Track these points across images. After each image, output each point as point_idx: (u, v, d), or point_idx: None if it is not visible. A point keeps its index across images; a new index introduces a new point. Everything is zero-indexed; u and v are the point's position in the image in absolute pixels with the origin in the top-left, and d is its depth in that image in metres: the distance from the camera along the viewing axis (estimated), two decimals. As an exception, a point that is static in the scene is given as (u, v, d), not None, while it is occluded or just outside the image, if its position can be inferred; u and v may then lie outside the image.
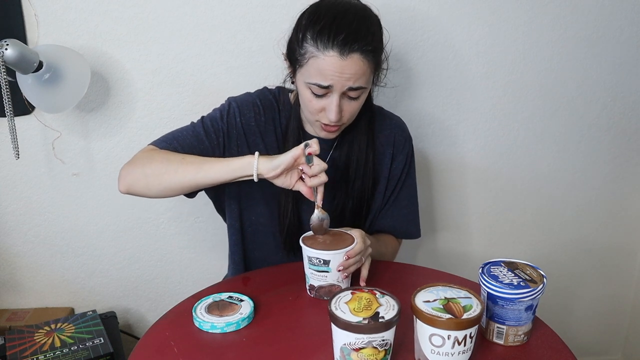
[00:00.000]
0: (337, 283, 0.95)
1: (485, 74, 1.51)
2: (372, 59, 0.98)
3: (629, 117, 1.62)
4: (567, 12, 1.48)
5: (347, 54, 0.94)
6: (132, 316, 1.58)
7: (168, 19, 1.35)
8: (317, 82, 0.97)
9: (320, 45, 0.95)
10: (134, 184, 1.02)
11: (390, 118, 1.20)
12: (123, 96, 1.39)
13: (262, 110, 1.12)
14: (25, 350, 1.21)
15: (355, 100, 1.01)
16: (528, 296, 0.80)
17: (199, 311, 0.90)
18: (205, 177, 0.99)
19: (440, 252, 1.68)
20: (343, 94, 0.99)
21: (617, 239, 1.75)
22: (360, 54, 0.95)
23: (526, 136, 1.59)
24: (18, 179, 1.42)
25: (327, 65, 0.95)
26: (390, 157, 1.17)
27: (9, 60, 1.14)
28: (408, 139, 1.20)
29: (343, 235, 0.99)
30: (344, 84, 0.96)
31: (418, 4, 1.42)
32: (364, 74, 0.97)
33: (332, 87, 0.97)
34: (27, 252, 1.48)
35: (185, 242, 1.54)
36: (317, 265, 0.94)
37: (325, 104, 0.99)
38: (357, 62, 0.95)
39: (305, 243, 0.96)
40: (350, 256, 0.94)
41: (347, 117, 1.03)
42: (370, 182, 1.15)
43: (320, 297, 0.97)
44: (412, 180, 1.22)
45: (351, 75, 0.96)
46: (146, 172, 1.00)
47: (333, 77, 0.95)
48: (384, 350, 0.73)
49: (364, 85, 0.99)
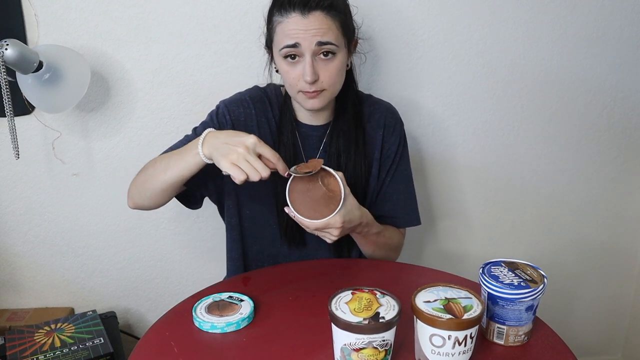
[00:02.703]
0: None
1: (485, 74, 1.51)
2: (336, 15, 1.02)
3: (629, 117, 1.62)
4: (567, 12, 1.48)
5: (308, 12, 0.99)
6: (132, 316, 1.58)
7: (168, 19, 1.35)
8: (285, 44, 1.01)
9: (283, 11, 1.01)
10: (134, 199, 1.10)
11: (379, 103, 1.22)
12: (123, 96, 1.39)
13: (251, 104, 1.14)
14: (25, 350, 1.21)
15: (330, 62, 1.03)
16: (528, 296, 0.80)
17: (199, 311, 0.90)
18: (172, 175, 1.01)
19: (440, 252, 1.68)
20: (315, 55, 1.01)
21: (617, 239, 1.75)
22: (322, 11, 1.00)
23: (526, 136, 1.59)
24: (18, 179, 1.42)
25: (290, 25, 1.00)
26: (380, 139, 1.18)
27: (9, 60, 1.14)
28: (399, 121, 1.21)
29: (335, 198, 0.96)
30: (311, 40, 1.00)
31: (418, 3, 1.42)
32: (330, 29, 1.01)
33: (299, 45, 1.00)
34: (27, 252, 1.48)
35: (185, 242, 1.54)
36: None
37: (301, 69, 1.02)
38: (320, 17, 1.00)
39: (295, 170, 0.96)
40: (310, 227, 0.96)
41: (327, 80, 1.04)
42: (363, 167, 1.16)
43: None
44: (406, 165, 1.23)
45: (316, 30, 0.99)
46: (137, 184, 1.08)
47: (299, 34, 0.99)
48: (384, 350, 0.73)
49: (332, 41, 1.01)
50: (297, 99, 1.08)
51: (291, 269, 1.09)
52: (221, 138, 0.95)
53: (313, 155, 1.17)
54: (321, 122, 1.16)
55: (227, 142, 0.94)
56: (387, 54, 1.45)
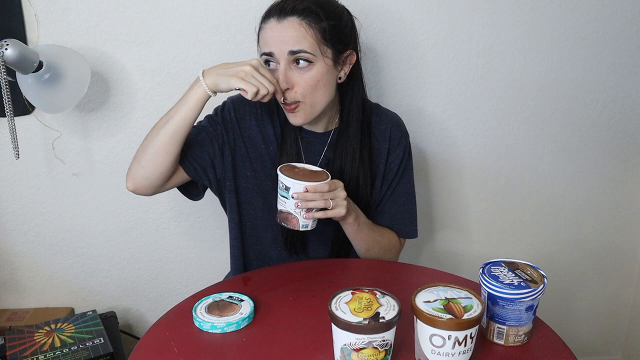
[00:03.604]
0: (294, 213, 0.97)
1: (485, 74, 1.51)
2: (312, 22, 1.00)
3: (629, 117, 1.62)
4: (567, 12, 1.48)
5: (283, 17, 0.99)
6: (132, 316, 1.58)
7: (168, 19, 1.35)
8: (262, 51, 1.02)
9: (265, 19, 1.03)
10: (133, 172, 1.04)
11: (386, 114, 1.20)
12: (123, 96, 1.39)
13: (258, 104, 1.13)
14: (25, 350, 1.21)
15: (306, 71, 1.01)
16: (529, 296, 0.80)
17: (199, 311, 0.90)
18: (176, 121, 0.99)
19: (440, 252, 1.68)
20: (290, 63, 1.01)
21: (617, 238, 1.75)
22: (297, 17, 0.99)
23: (526, 136, 1.59)
24: (18, 179, 1.42)
25: (267, 32, 1.01)
26: (386, 152, 1.17)
27: (9, 60, 1.14)
28: (404, 134, 1.20)
29: (320, 174, 0.99)
30: (282, 48, 0.99)
31: (418, 4, 1.42)
32: (304, 38, 0.99)
33: (274, 54, 1.00)
34: (27, 252, 1.48)
35: (185, 242, 1.54)
36: (281, 190, 0.97)
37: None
38: (294, 24, 0.99)
39: (281, 169, 0.98)
40: (309, 190, 0.94)
41: (300, 91, 1.02)
42: (367, 181, 1.15)
43: (279, 221, 1.00)
44: (409, 178, 1.21)
45: (289, 38, 0.99)
46: (137, 154, 1.04)
47: (273, 42, 1.00)
48: (384, 350, 0.73)
49: (306, 50, 0.99)
50: (286, 113, 1.08)
51: (291, 269, 1.09)
52: (222, 65, 0.99)
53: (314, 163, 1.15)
54: (323, 129, 1.15)
55: (230, 66, 0.98)
56: (387, 54, 1.45)
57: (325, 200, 0.97)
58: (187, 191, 1.16)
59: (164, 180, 1.05)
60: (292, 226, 0.99)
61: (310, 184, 0.95)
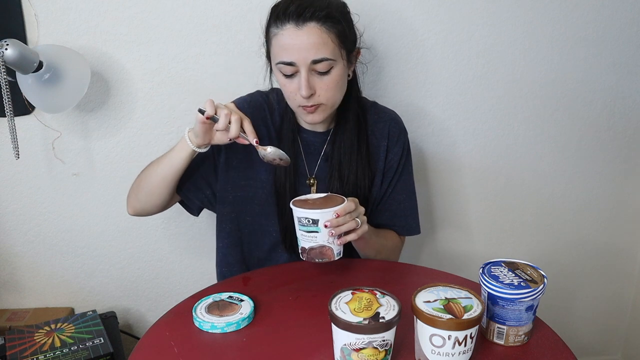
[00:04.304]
0: (327, 244, 0.93)
1: (485, 74, 1.51)
2: (332, 27, 0.98)
3: (629, 117, 1.62)
4: (567, 12, 1.48)
5: (303, 24, 0.96)
6: (132, 316, 1.58)
7: (168, 19, 1.35)
8: (281, 60, 0.99)
9: (279, 22, 0.98)
10: (132, 203, 1.14)
11: (384, 111, 1.20)
12: (123, 96, 1.39)
13: (249, 111, 1.12)
14: (25, 350, 1.21)
15: (327, 75, 1.01)
16: (529, 296, 0.80)
17: (199, 311, 0.90)
18: (164, 169, 1.05)
19: (440, 252, 1.68)
20: (311, 70, 1.00)
21: (617, 239, 1.75)
22: (317, 22, 0.97)
23: (526, 136, 1.59)
24: (18, 179, 1.42)
25: (285, 39, 0.98)
26: (385, 150, 1.17)
27: (9, 60, 1.14)
28: (403, 131, 1.20)
29: (334, 198, 0.97)
30: (306, 57, 0.97)
31: (418, 4, 1.42)
32: (325, 44, 0.98)
33: (295, 63, 0.98)
34: (27, 252, 1.48)
35: (186, 242, 1.54)
36: (306, 226, 0.93)
37: (297, 83, 1.01)
38: (314, 30, 0.97)
39: (295, 204, 0.95)
40: (340, 214, 0.92)
41: (324, 94, 1.02)
42: (366, 177, 1.15)
43: (311, 259, 0.95)
44: (409, 175, 1.22)
45: (311, 46, 0.97)
46: (134, 187, 1.14)
47: (293, 51, 0.97)
48: (384, 350, 0.73)
49: (328, 57, 0.98)
50: (297, 112, 1.08)
51: (291, 269, 1.09)
52: None
53: (314, 162, 1.16)
54: (322, 129, 1.16)
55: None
56: (387, 55, 1.45)
57: (354, 220, 0.95)
58: (185, 205, 1.20)
59: (162, 209, 1.15)
60: (328, 258, 0.94)
61: (339, 208, 0.92)
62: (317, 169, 1.16)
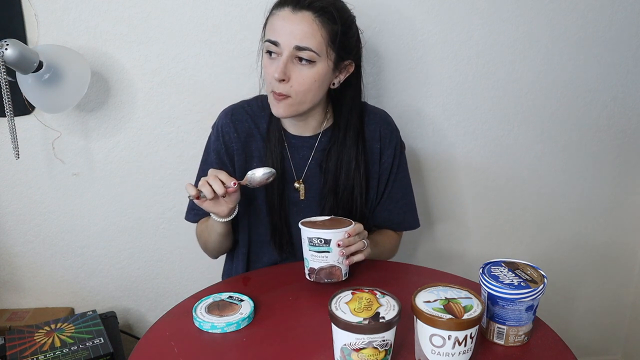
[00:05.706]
0: (337, 264, 0.96)
1: (485, 74, 1.51)
2: (325, 23, 1.00)
3: (629, 117, 1.62)
4: (567, 12, 1.48)
5: (299, 10, 0.99)
6: (132, 316, 1.58)
7: (168, 19, 1.35)
8: (268, 38, 1.02)
9: (279, 5, 1.02)
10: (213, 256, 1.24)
11: (374, 113, 1.19)
12: (123, 96, 1.39)
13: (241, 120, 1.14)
14: (25, 350, 1.21)
15: (306, 68, 1.01)
16: (529, 296, 0.80)
17: (199, 311, 0.90)
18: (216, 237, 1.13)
19: (440, 252, 1.68)
20: (293, 57, 1.00)
21: (617, 238, 1.75)
22: (312, 12, 0.99)
23: (526, 136, 1.59)
24: (18, 179, 1.42)
25: (279, 20, 1.00)
26: (378, 152, 1.16)
27: (9, 60, 1.14)
28: (394, 131, 1.19)
29: (341, 220, 1.01)
30: (290, 41, 0.99)
31: (418, 3, 1.42)
32: (313, 36, 0.99)
33: (279, 44, 0.99)
34: (27, 252, 1.48)
35: (186, 241, 1.54)
36: (317, 246, 0.95)
37: (276, 65, 1.01)
38: (307, 19, 0.99)
39: (305, 225, 0.97)
40: (351, 234, 0.95)
41: (296, 86, 1.02)
42: (363, 188, 1.14)
43: (320, 279, 0.97)
44: (404, 172, 1.21)
45: (298, 31, 0.98)
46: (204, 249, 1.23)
47: (282, 32, 0.99)
48: (384, 350, 0.73)
49: (312, 48, 0.99)
50: (270, 100, 1.07)
51: (291, 269, 1.09)
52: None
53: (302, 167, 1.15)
54: (309, 132, 1.14)
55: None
56: (387, 55, 1.45)
57: (362, 241, 0.99)
58: None
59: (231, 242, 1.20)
60: (337, 278, 0.98)
61: (350, 228, 0.96)
62: (305, 174, 1.15)
